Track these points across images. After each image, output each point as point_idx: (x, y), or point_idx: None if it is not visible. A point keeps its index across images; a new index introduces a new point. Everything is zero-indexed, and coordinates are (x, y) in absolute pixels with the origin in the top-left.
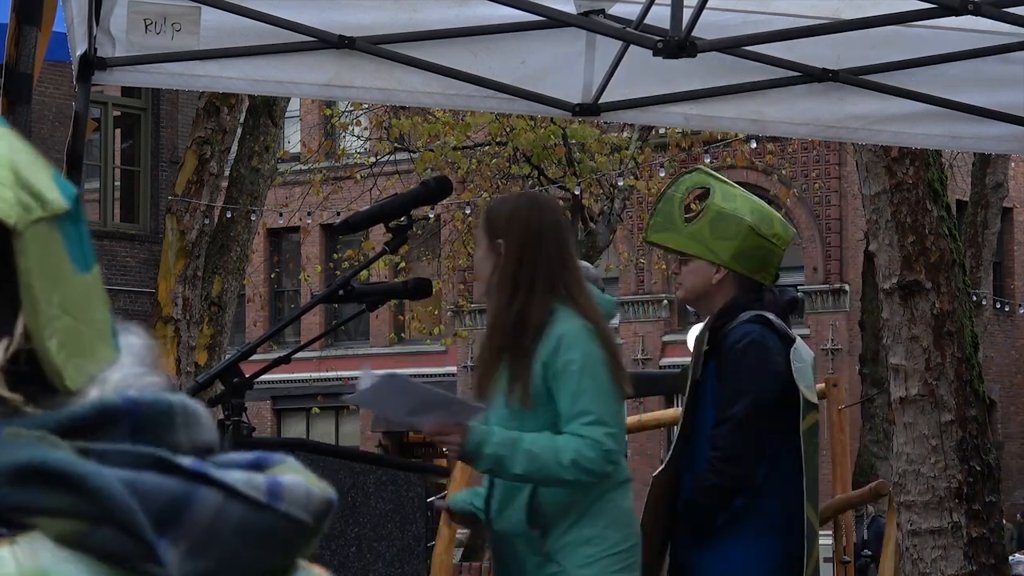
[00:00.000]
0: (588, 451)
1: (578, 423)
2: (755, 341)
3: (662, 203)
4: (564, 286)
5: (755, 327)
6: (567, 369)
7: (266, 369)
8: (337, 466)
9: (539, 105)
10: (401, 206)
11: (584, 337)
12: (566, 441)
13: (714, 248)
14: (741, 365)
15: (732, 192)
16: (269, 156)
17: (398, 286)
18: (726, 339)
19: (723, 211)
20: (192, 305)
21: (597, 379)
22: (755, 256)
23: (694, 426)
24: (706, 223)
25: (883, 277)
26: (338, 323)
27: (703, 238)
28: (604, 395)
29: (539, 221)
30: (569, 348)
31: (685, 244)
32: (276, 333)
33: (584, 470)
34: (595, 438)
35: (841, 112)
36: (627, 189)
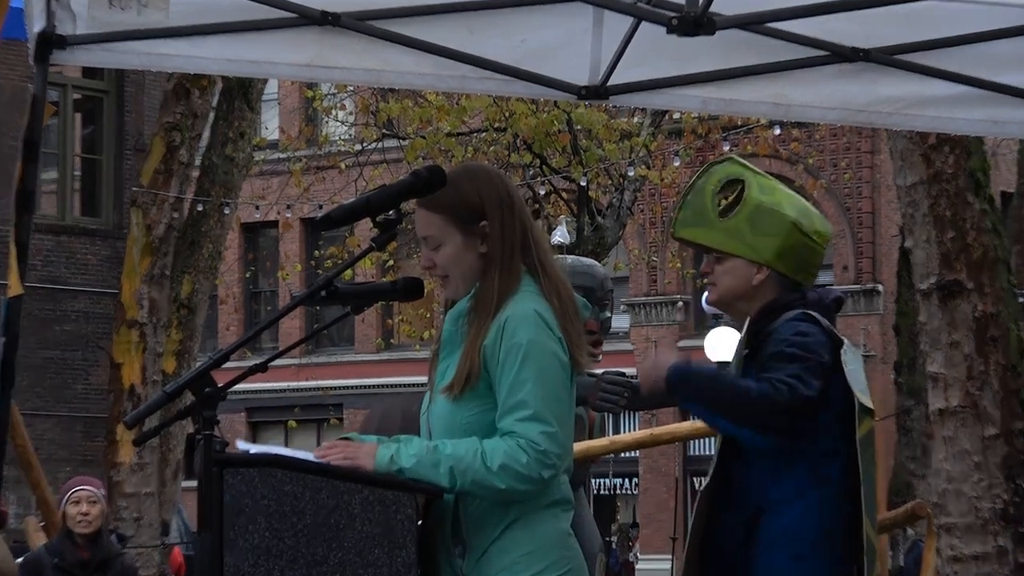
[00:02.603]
0: (519, 454)
1: (513, 418)
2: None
3: (692, 195)
4: (535, 250)
5: (800, 324)
6: (508, 356)
7: (240, 378)
8: (319, 484)
9: (541, 87)
10: (390, 198)
11: (531, 321)
12: (495, 443)
13: (755, 245)
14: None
15: (770, 185)
16: (244, 143)
17: (386, 286)
18: (770, 339)
19: (763, 205)
20: (159, 307)
21: (541, 370)
22: (798, 255)
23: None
24: (744, 218)
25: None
26: (320, 327)
27: (742, 234)
28: (547, 388)
29: (504, 188)
30: (514, 332)
31: (721, 241)
32: (251, 338)
33: (516, 475)
34: (529, 437)
35: (873, 95)
36: (638, 180)
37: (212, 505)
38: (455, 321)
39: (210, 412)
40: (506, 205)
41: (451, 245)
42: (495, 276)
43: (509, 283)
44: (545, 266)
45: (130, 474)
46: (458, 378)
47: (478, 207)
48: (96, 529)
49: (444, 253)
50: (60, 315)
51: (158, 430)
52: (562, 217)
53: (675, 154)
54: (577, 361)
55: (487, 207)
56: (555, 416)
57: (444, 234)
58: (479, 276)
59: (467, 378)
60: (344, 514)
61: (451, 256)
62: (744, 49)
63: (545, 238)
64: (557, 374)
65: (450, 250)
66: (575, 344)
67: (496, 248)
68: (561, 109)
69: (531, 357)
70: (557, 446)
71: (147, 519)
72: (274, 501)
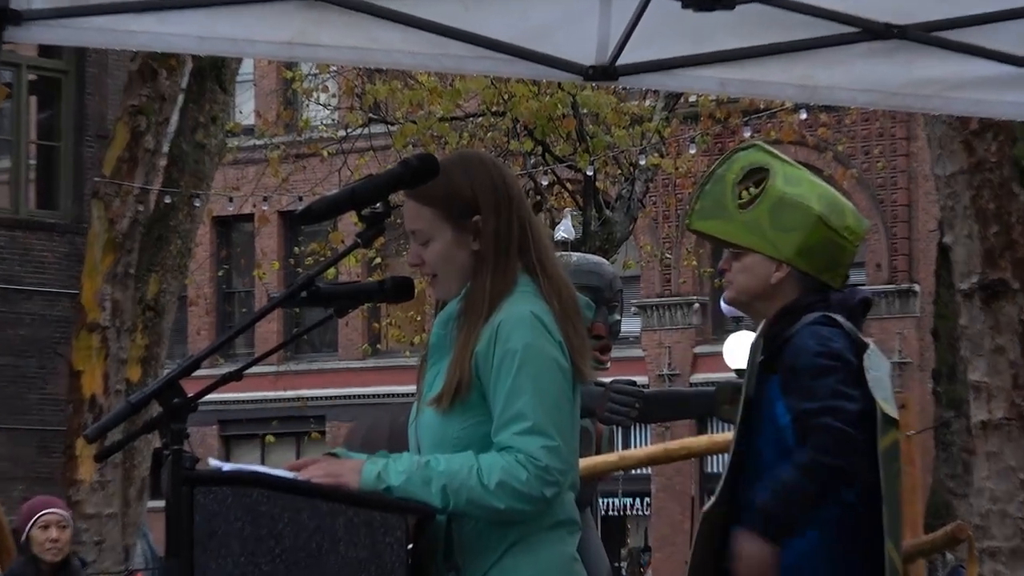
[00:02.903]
0: (519, 470)
1: (510, 431)
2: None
3: (710, 184)
4: (533, 248)
5: (822, 329)
6: (502, 364)
7: (213, 387)
8: (299, 505)
9: (544, 67)
10: (376, 190)
11: (527, 324)
12: (492, 459)
13: (775, 241)
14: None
15: (796, 174)
16: (216, 129)
17: (373, 286)
18: (788, 346)
19: (786, 197)
20: (123, 309)
21: (539, 377)
22: (823, 252)
23: (749, 454)
24: (765, 210)
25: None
26: (300, 331)
27: (761, 228)
28: (547, 398)
29: (501, 179)
30: (508, 338)
31: (739, 234)
32: (225, 343)
33: (516, 494)
34: (529, 452)
35: (909, 76)
36: (650, 169)
37: (181, 528)
38: (444, 324)
39: (179, 425)
40: (502, 197)
41: (441, 241)
42: (488, 275)
43: (503, 283)
44: (545, 265)
45: (91, 493)
46: (447, 389)
47: (471, 199)
48: (65, 557)
49: (433, 249)
50: (13, 318)
51: (121, 445)
52: (567, 210)
53: (691, 141)
54: (580, 370)
55: (481, 199)
56: (557, 428)
57: (433, 229)
58: (471, 275)
59: (457, 389)
60: (326, 537)
61: (441, 253)
62: (766, 25)
63: (546, 233)
64: (557, 382)
65: (440, 246)
66: (577, 351)
67: (490, 245)
68: (565, 91)
69: (528, 364)
70: (560, 461)
71: (109, 543)
72: (249, 523)
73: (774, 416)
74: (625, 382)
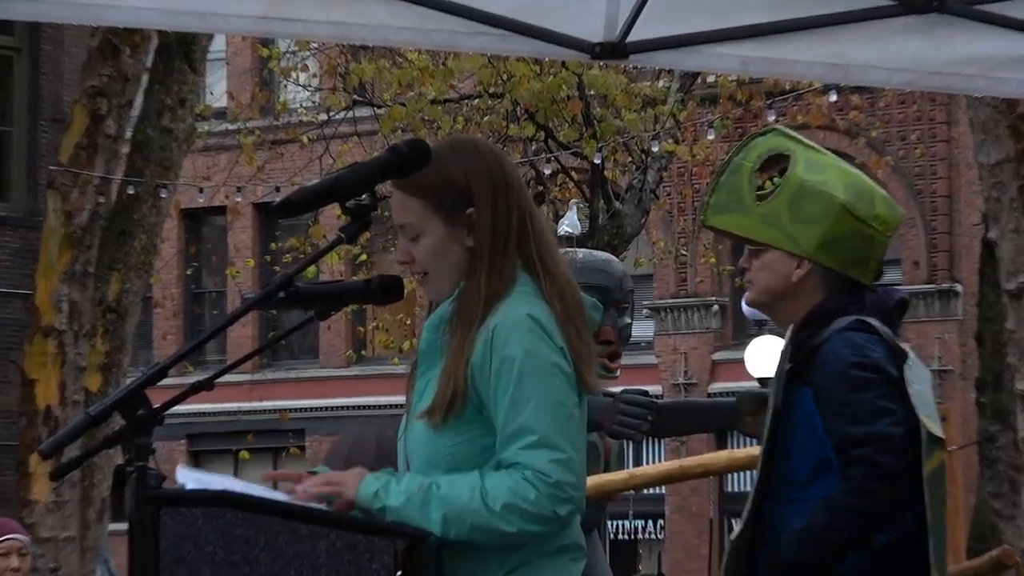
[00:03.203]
0: (527, 489)
1: (515, 447)
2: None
3: (727, 174)
4: (534, 243)
5: (856, 335)
6: (500, 373)
7: (181, 398)
8: (276, 528)
9: (547, 45)
10: (362, 179)
11: (524, 328)
12: (497, 479)
13: (794, 235)
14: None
15: (820, 160)
16: (185, 112)
17: (357, 286)
18: (818, 355)
19: (807, 185)
20: (81, 312)
21: (542, 386)
22: (849, 245)
23: (777, 473)
24: (784, 201)
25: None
26: (277, 336)
27: (779, 221)
28: (553, 407)
29: (499, 168)
30: (505, 344)
31: (756, 229)
32: (194, 349)
33: (526, 515)
34: (537, 468)
35: (949, 54)
36: (664, 156)
37: (146, 553)
38: (436, 328)
39: (143, 439)
40: (499, 187)
41: (432, 236)
42: (483, 274)
43: (500, 283)
44: (546, 262)
45: (46, 514)
46: (439, 401)
47: (464, 190)
48: None
49: (424, 245)
50: None
51: (80, 461)
52: (572, 202)
53: (709, 126)
54: (584, 378)
55: (475, 190)
56: (567, 439)
57: (424, 222)
58: (465, 273)
59: (450, 401)
60: (307, 564)
61: (432, 249)
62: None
63: (549, 228)
64: (562, 390)
65: (430, 241)
66: (582, 357)
67: (485, 240)
68: (570, 71)
69: (529, 372)
70: (572, 475)
71: (66, 569)
72: (222, 548)
73: (814, 432)
74: (636, 392)
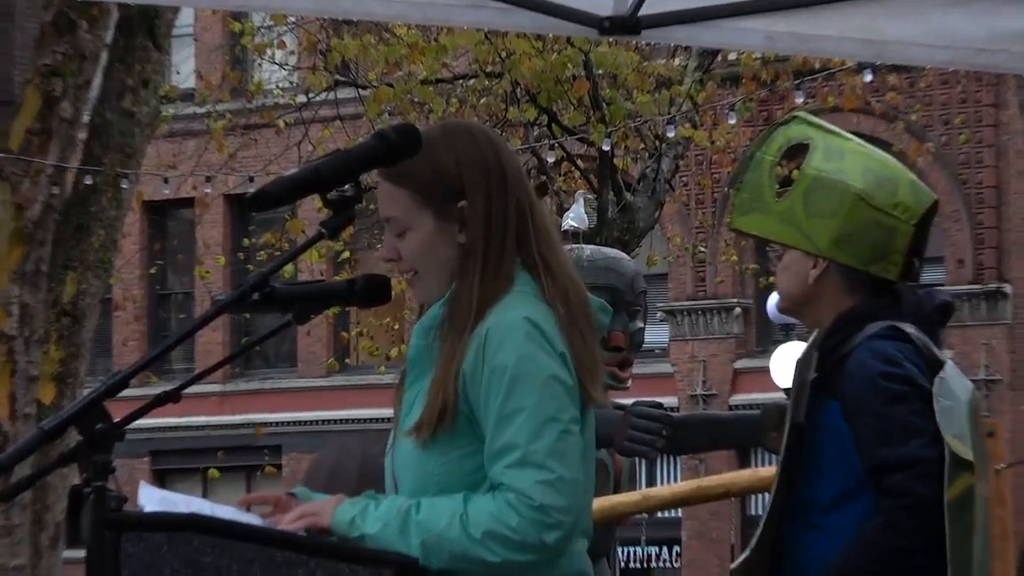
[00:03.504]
0: (508, 514)
1: (500, 465)
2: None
3: (750, 171)
4: (534, 240)
5: (887, 344)
6: (491, 382)
7: (144, 410)
8: (250, 555)
9: (550, 19)
10: (345, 168)
11: (520, 332)
12: (481, 503)
13: (808, 231)
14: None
15: (840, 147)
16: (148, 94)
17: (340, 287)
18: (845, 364)
19: (821, 176)
20: (33, 315)
21: (537, 398)
22: (865, 238)
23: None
24: (799, 196)
25: None
26: (251, 342)
27: (795, 218)
28: (544, 422)
29: (495, 155)
30: (497, 349)
31: (774, 229)
32: (159, 357)
33: (508, 544)
34: (521, 490)
35: (996, 28)
36: (680, 143)
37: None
38: (426, 334)
39: (102, 456)
40: (496, 178)
41: (420, 230)
42: (476, 274)
43: (495, 284)
44: (548, 261)
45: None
46: (427, 415)
47: (456, 180)
48: None
49: (411, 241)
50: None
51: (32, 481)
52: (578, 193)
53: (730, 109)
54: (588, 390)
55: (468, 180)
56: (558, 458)
57: (411, 216)
58: (457, 273)
59: (440, 415)
60: None
61: (420, 245)
62: None
63: (551, 222)
64: (558, 402)
65: (419, 237)
66: (586, 366)
67: (479, 236)
68: (577, 48)
69: (521, 381)
70: (561, 498)
71: None
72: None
73: (846, 453)
74: (649, 404)
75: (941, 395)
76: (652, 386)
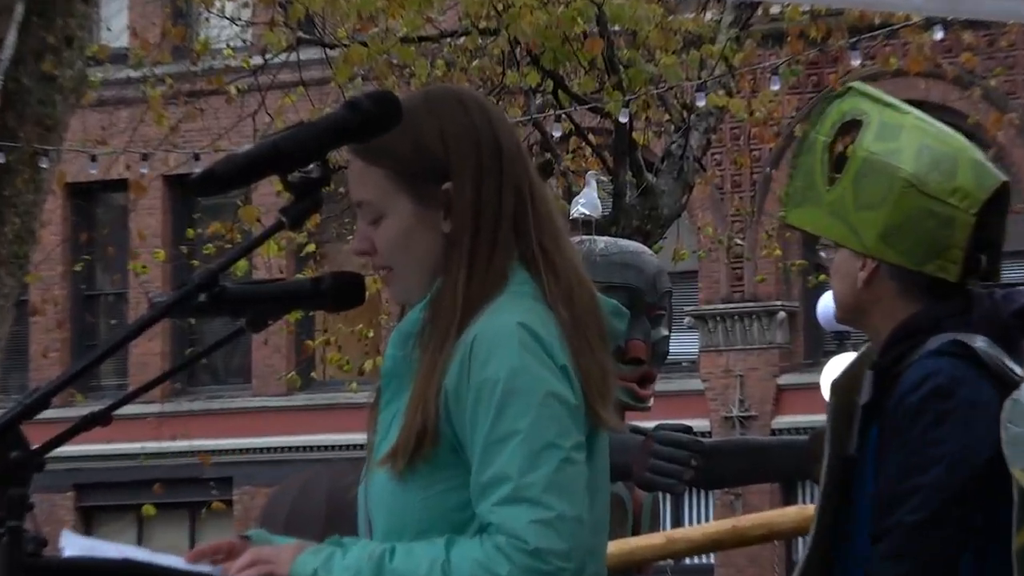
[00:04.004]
0: (498, 562)
1: (490, 501)
2: (940, 389)
3: (803, 154)
4: (534, 229)
5: (944, 363)
6: (479, 400)
7: (68, 435)
8: None
9: None
10: (311, 144)
11: (513, 341)
12: (466, 548)
13: (856, 225)
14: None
15: (896, 122)
16: (73, 55)
17: (304, 287)
18: (896, 386)
19: (871, 159)
20: None
21: (533, 419)
22: (918, 232)
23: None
24: (849, 183)
25: None
26: (196, 354)
27: (844, 210)
28: (541, 450)
29: (488, 127)
30: (486, 361)
31: (824, 223)
32: (85, 372)
33: None
34: (512, 531)
35: None
36: (713, 113)
37: None
38: (404, 343)
39: (18, 490)
40: (489, 154)
41: (397, 217)
42: (462, 270)
43: (486, 282)
44: (551, 256)
45: None
46: (404, 440)
47: (440, 157)
48: None
49: (387, 230)
50: None
51: None
52: (590, 174)
53: (773, 72)
54: (598, 413)
55: (454, 157)
56: (557, 491)
57: (386, 200)
58: (441, 269)
59: (419, 440)
60: None
61: (397, 235)
62: None
63: (557, 209)
64: (558, 425)
65: (395, 225)
66: (595, 384)
67: (466, 225)
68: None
69: (514, 398)
70: (561, 540)
71: None
72: None
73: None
74: (676, 428)
75: (1012, 419)
76: (679, 406)
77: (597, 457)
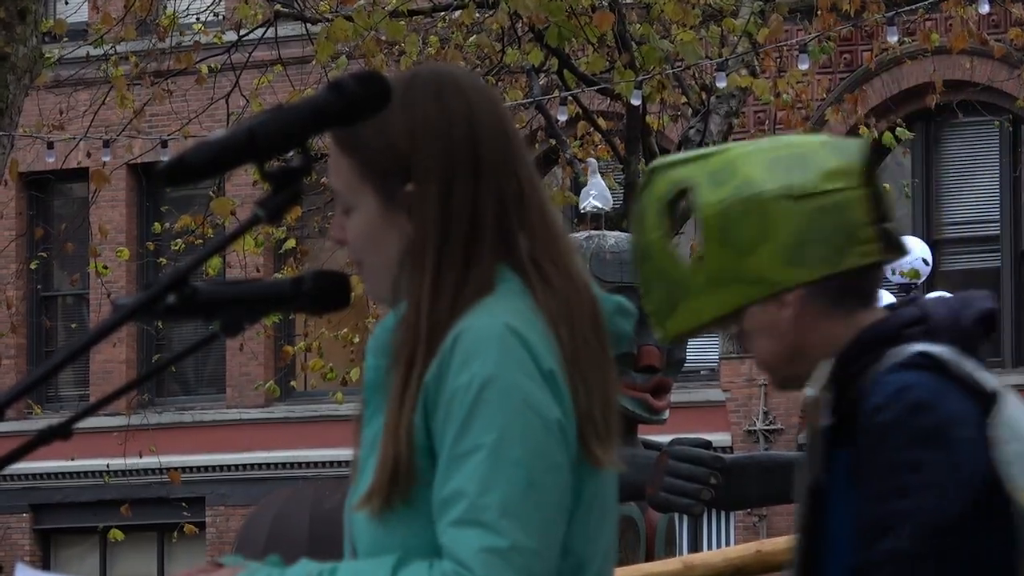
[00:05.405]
0: None
1: (444, 521)
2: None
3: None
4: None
5: (914, 376)
6: (452, 408)
7: (23, 452)
8: None
9: None
10: (290, 130)
11: (495, 343)
12: (413, 571)
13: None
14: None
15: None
16: (26, 29)
17: (283, 288)
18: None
19: (725, 207)
20: None
21: (500, 432)
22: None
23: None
24: (715, 245)
25: None
26: (164, 362)
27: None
28: (506, 467)
29: (467, 116)
30: (463, 365)
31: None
32: (42, 381)
33: None
34: (460, 558)
35: None
36: (735, 95)
37: None
38: (383, 351)
39: None
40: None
41: (363, 213)
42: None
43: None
44: (544, 270)
45: None
46: (379, 480)
47: (405, 155)
48: None
49: (354, 224)
50: None
51: None
52: (597, 163)
53: (801, 50)
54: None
55: (418, 157)
56: (515, 518)
57: (353, 193)
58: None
59: (392, 479)
60: None
61: (362, 231)
62: None
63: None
64: (534, 438)
65: (361, 220)
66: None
67: (430, 235)
68: None
69: (485, 409)
70: (512, 574)
71: None
72: None
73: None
74: (693, 443)
75: (1006, 437)
76: (697, 418)
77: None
